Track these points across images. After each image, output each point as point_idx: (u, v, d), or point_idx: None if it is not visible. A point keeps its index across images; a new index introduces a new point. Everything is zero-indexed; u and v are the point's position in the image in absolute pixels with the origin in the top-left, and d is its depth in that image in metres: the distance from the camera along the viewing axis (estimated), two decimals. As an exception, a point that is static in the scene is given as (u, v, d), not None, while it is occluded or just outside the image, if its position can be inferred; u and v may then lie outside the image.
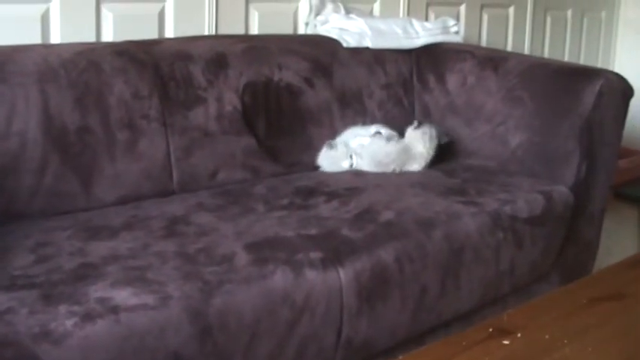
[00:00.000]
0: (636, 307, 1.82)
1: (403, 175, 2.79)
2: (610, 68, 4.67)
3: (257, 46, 2.89)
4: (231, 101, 2.71)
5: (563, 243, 2.78)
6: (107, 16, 2.77)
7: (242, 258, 1.99)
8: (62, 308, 1.67)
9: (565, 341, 1.61)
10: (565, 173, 2.80)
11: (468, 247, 2.36)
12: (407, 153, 2.86)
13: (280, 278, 1.94)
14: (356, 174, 2.77)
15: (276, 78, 2.86)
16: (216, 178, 2.64)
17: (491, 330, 1.65)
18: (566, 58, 4.86)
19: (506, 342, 1.60)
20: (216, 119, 2.66)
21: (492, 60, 3.17)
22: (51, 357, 1.58)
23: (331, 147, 2.82)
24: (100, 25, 2.76)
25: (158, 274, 1.86)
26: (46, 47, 2.53)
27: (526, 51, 4.55)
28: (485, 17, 4.27)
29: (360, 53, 3.17)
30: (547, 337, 1.63)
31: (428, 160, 2.90)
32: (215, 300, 1.82)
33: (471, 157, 3.06)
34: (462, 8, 4.12)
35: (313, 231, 2.19)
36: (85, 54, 2.47)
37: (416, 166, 2.87)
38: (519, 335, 1.63)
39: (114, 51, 2.54)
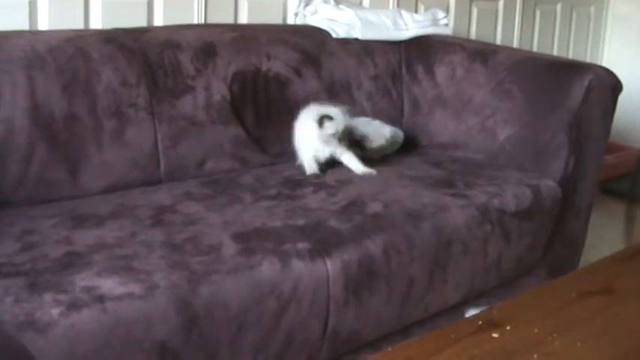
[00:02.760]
0: (625, 301, 1.82)
1: (392, 167, 2.79)
2: (598, 63, 4.67)
3: (246, 36, 2.88)
4: (220, 90, 2.70)
5: (550, 237, 2.79)
6: (96, 3, 2.75)
7: (229, 248, 1.98)
8: (48, 297, 1.66)
9: (554, 335, 1.61)
10: (553, 167, 2.80)
11: (455, 239, 2.36)
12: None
13: (267, 269, 1.94)
14: (343, 165, 2.76)
15: (264, 68, 2.85)
16: (203, 167, 2.63)
17: (480, 323, 1.65)
18: (554, 52, 4.85)
19: (495, 335, 1.60)
20: (204, 108, 2.65)
21: (482, 53, 3.17)
22: (36, 346, 1.57)
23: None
24: (88, 12, 2.74)
25: (145, 263, 1.85)
26: (33, 34, 2.51)
27: (515, 44, 4.55)
28: (474, 10, 4.26)
29: (349, 44, 3.16)
30: (536, 330, 1.63)
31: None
32: (202, 290, 1.81)
33: (460, 149, 3.05)
34: (452, 1, 4.11)
35: (301, 221, 2.19)
36: (73, 41, 2.45)
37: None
38: (509, 328, 1.63)
39: (102, 38, 2.52)
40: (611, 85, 2.85)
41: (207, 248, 1.97)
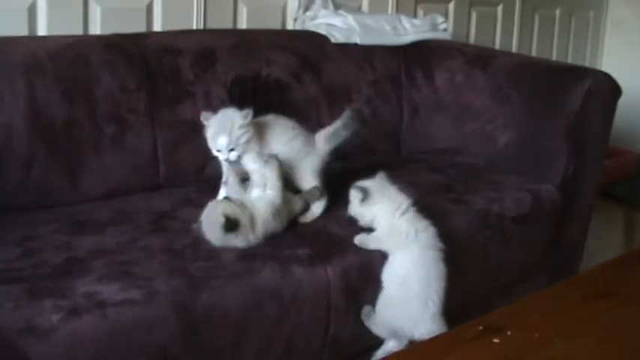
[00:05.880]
0: (626, 305, 1.82)
1: (391, 172, 2.79)
2: (597, 67, 4.67)
3: (245, 41, 2.87)
4: (219, 96, 2.69)
5: (550, 242, 2.78)
6: (95, 8, 2.75)
7: (229, 254, 1.98)
8: (48, 303, 1.66)
9: (555, 340, 1.61)
10: (553, 172, 2.79)
11: (455, 245, 2.35)
12: None
13: (268, 274, 1.94)
14: (343, 171, 2.76)
15: (264, 73, 2.85)
16: (203, 172, 2.61)
17: (481, 328, 1.65)
18: (553, 57, 4.86)
19: (496, 340, 1.60)
20: (204, 114, 2.65)
21: (481, 58, 3.17)
22: (37, 352, 1.57)
23: None
24: (87, 18, 2.74)
25: (145, 269, 1.85)
26: (33, 39, 2.51)
27: (514, 49, 4.55)
28: (473, 15, 4.27)
29: (348, 49, 3.16)
30: (537, 335, 1.63)
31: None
32: (202, 295, 1.81)
33: (459, 154, 3.05)
34: (451, 6, 4.12)
35: (301, 227, 2.18)
36: (72, 46, 2.45)
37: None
38: (509, 333, 1.63)
39: (102, 44, 2.52)
40: (611, 90, 2.85)
41: (207, 254, 1.97)
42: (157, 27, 2.94)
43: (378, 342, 2.25)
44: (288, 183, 2.23)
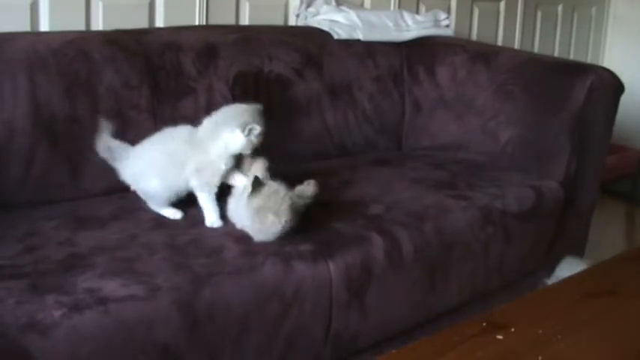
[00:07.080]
0: (629, 302, 1.82)
1: (394, 168, 2.78)
2: (599, 64, 4.66)
3: (248, 37, 2.87)
4: (221, 92, 2.69)
5: (552, 238, 2.78)
6: (97, 4, 2.75)
7: (231, 250, 1.98)
8: (50, 298, 1.65)
9: (559, 336, 1.61)
10: (555, 168, 2.79)
11: (457, 241, 2.36)
12: None
13: (270, 270, 1.93)
14: (345, 167, 2.76)
15: (266, 69, 2.84)
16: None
17: (484, 324, 1.64)
18: (556, 53, 4.85)
19: (499, 337, 1.59)
20: (205, 110, 2.63)
21: (483, 54, 3.16)
22: (38, 347, 1.57)
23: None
24: (89, 14, 2.74)
25: (147, 265, 1.85)
26: (35, 35, 2.50)
27: (516, 45, 4.54)
28: (476, 11, 4.26)
29: (350, 45, 3.15)
30: (541, 332, 1.63)
31: None
32: (204, 292, 1.81)
33: (461, 151, 3.05)
34: (453, 2, 4.11)
35: (303, 223, 2.18)
36: (75, 43, 2.44)
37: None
38: (513, 330, 1.62)
39: (104, 40, 2.51)
40: (613, 86, 2.85)
41: (210, 250, 1.97)
42: (160, 23, 2.93)
43: (381, 339, 2.25)
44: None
